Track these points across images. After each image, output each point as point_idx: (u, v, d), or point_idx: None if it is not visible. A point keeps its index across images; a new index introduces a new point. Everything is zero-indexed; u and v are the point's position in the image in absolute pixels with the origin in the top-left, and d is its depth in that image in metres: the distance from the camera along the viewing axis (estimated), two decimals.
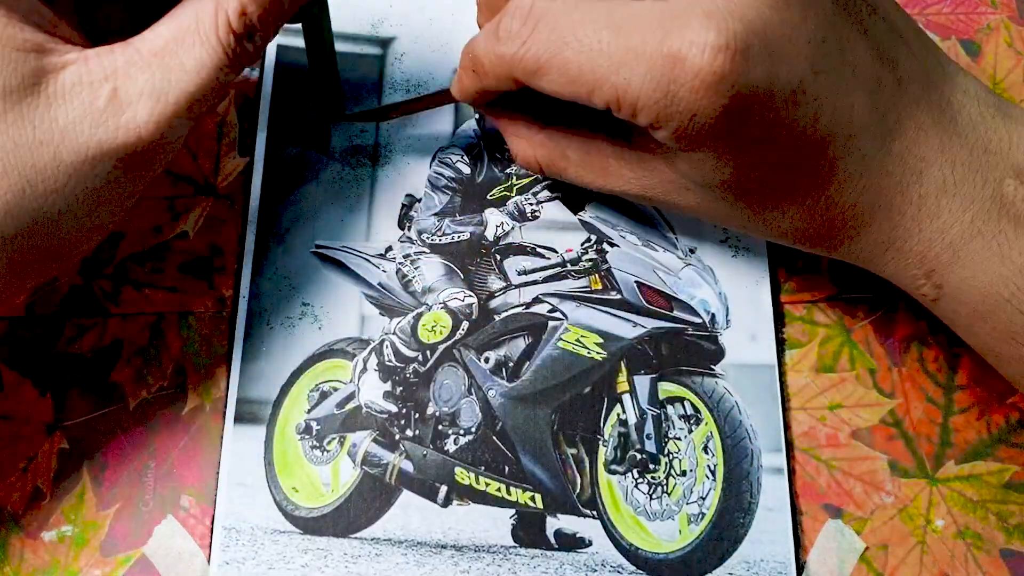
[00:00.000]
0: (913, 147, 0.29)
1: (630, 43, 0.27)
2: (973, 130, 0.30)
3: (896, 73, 0.29)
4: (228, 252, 0.42)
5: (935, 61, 0.31)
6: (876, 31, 0.29)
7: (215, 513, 0.38)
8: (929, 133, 0.29)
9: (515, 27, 0.29)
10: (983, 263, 0.29)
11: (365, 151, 0.44)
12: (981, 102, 0.30)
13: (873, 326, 0.40)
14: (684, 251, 0.41)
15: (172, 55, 0.30)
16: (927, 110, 0.29)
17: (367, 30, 0.46)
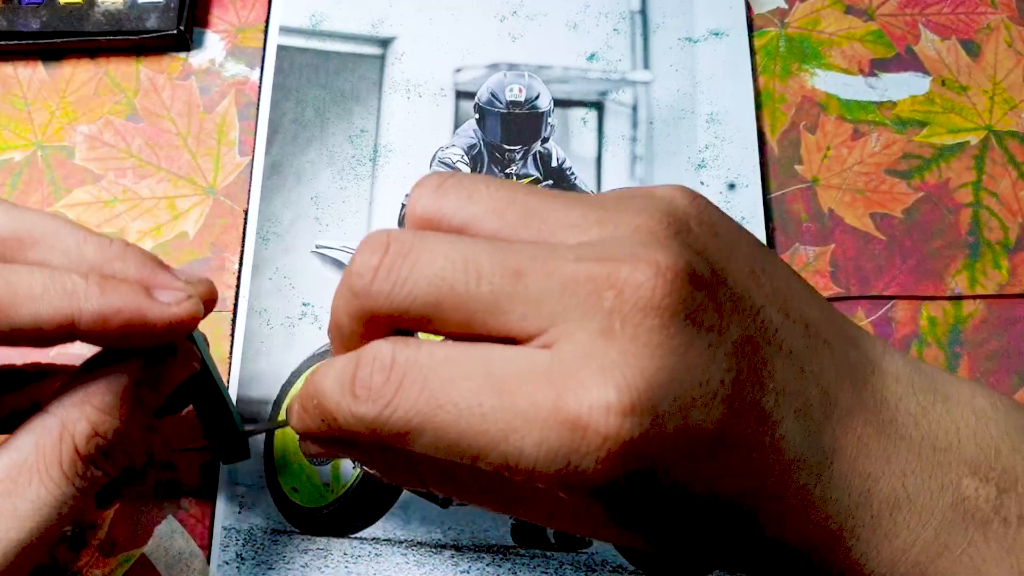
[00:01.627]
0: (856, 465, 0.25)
1: (517, 407, 0.22)
2: (916, 427, 0.26)
3: (822, 384, 0.25)
4: (228, 252, 0.42)
5: (857, 352, 0.27)
6: (792, 341, 0.25)
7: (215, 513, 0.38)
8: (870, 445, 0.25)
9: (376, 383, 0.23)
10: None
11: (365, 151, 0.44)
12: (916, 388, 0.27)
13: (873, 326, 0.40)
14: None
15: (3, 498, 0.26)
16: (863, 418, 0.25)
17: (367, 30, 0.46)
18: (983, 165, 0.43)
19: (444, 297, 0.23)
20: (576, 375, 0.22)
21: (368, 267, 0.23)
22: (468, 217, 0.25)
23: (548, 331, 0.23)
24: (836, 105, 0.44)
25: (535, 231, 0.24)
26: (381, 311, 0.24)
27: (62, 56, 0.46)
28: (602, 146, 0.44)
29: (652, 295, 0.22)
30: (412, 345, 0.24)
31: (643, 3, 0.46)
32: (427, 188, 0.25)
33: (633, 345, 0.22)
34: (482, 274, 0.23)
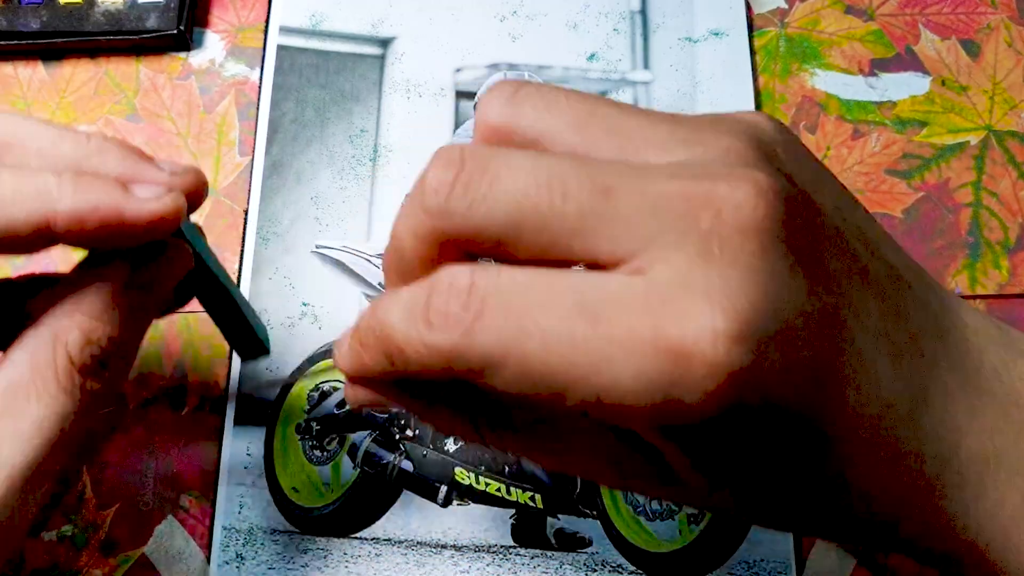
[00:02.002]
0: (945, 417, 0.24)
1: (613, 334, 0.20)
2: (1000, 383, 0.25)
3: (908, 328, 0.24)
4: (228, 252, 0.42)
5: (938, 301, 0.26)
6: (880, 279, 0.24)
7: (215, 513, 0.38)
8: (956, 397, 0.24)
9: (453, 309, 0.21)
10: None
11: (365, 151, 0.44)
12: (994, 342, 0.26)
13: None
14: None
15: (2, 419, 0.25)
16: (948, 368, 0.25)
17: (367, 30, 0.46)
18: (983, 165, 0.43)
19: (526, 217, 0.21)
20: (676, 301, 0.20)
21: (443, 182, 0.22)
22: (545, 129, 0.23)
23: (640, 255, 0.21)
24: (836, 105, 0.44)
25: (617, 148, 0.23)
26: (455, 232, 0.22)
27: (62, 56, 0.46)
28: None
29: (753, 215, 0.21)
30: (492, 270, 0.21)
31: (643, 3, 0.46)
32: (500, 96, 0.23)
33: (734, 269, 0.20)
34: (568, 192, 0.21)
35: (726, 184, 0.21)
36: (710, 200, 0.21)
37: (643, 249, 0.21)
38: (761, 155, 0.22)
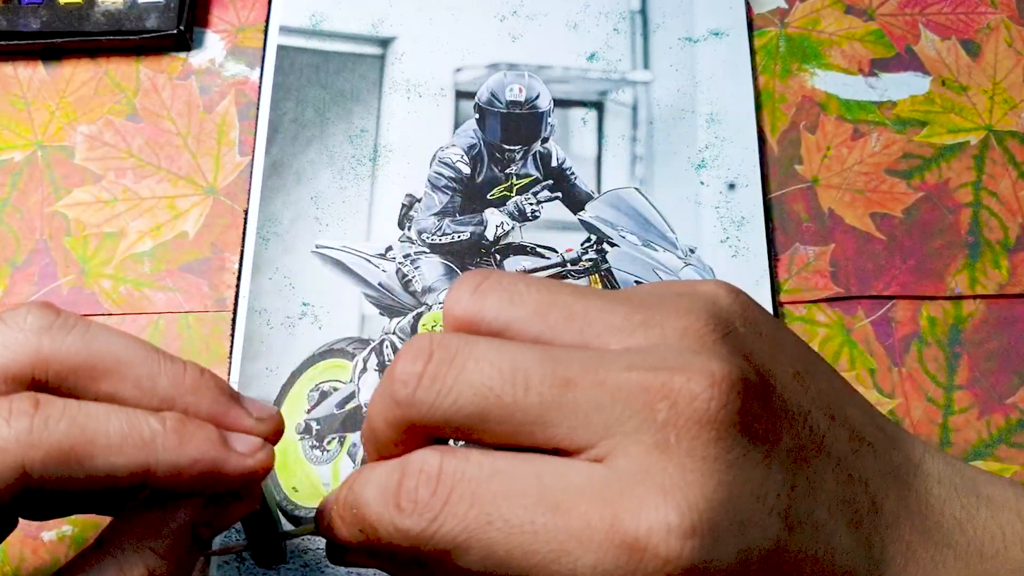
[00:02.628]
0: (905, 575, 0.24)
1: (572, 526, 0.21)
2: (962, 533, 0.25)
3: (869, 490, 0.24)
4: (228, 252, 0.42)
5: (899, 454, 0.26)
6: (840, 447, 0.24)
7: None
8: (918, 554, 0.25)
9: (422, 496, 0.22)
10: None
11: (365, 151, 0.44)
12: (958, 490, 0.26)
13: (873, 326, 0.40)
14: (684, 251, 0.41)
15: None
16: (909, 527, 0.25)
17: (367, 30, 0.46)
18: (983, 165, 0.43)
19: (491, 408, 0.22)
20: (632, 493, 0.21)
21: (411, 375, 0.22)
22: (509, 319, 0.24)
23: (599, 444, 0.22)
24: (836, 105, 0.44)
25: (578, 334, 0.23)
26: (424, 421, 0.23)
27: (62, 56, 0.46)
28: (602, 146, 0.44)
29: (708, 407, 0.21)
30: (460, 456, 0.22)
31: (643, 3, 0.46)
32: (465, 289, 0.24)
33: (690, 460, 0.21)
34: (530, 384, 0.22)
35: (682, 375, 0.22)
36: (666, 391, 0.22)
37: (603, 438, 0.22)
38: (719, 336, 0.23)
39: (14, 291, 0.41)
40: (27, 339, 0.24)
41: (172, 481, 0.25)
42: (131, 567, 0.25)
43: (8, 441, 0.22)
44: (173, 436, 0.24)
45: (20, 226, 0.43)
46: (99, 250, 0.42)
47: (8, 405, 0.23)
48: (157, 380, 0.25)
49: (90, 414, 0.24)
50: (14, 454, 0.22)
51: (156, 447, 0.24)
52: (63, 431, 0.23)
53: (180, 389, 0.26)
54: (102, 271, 0.42)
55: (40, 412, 0.23)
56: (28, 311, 0.25)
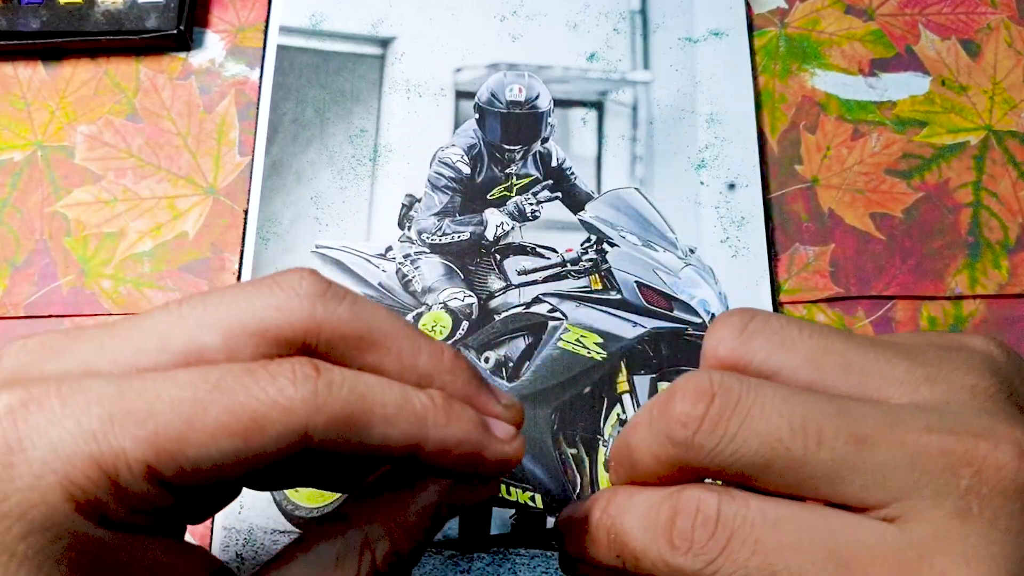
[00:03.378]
0: None
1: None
2: None
3: None
4: (228, 252, 0.42)
5: None
6: None
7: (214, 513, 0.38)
8: None
9: (699, 537, 0.22)
10: None
11: (365, 151, 0.44)
12: None
13: (873, 326, 0.40)
14: (684, 251, 0.41)
15: None
16: None
17: (367, 30, 0.46)
18: (983, 165, 0.43)
19: (777, 458, 0.21)
20: (932, 559, 0.20)
21: (692, 417, 0.22)
22: (780, 365, 0.23)
23: (892, 505, 0.21)
24: (836, 105, 0.44)
25: (856, 385, 0.23)
26: (701, 464, 0.22)
27: (62, 56, 0.46)
28: (602, 146, 0.44)
29: (1015, 478, 0.21)
30: (739, 499, 0.22)
31: (643, 3, 0.46)
32: (731, 329, 0.23)
33: (994, 531, 0.20)
34: (823, 438, 0.21)
35: (987, 443, 0.21)
36: (970, 458, 0.21)
37: (897, 500, 0.21)
38: (1005, 396, 0.22)
39: (14, 291, 0.41)
40: (301, 304, 0.23)
41: (437, 458, 0.24)
42: (377, 540, 0.25)
43: (294, 402, 0.22)
44: (442, 413, 0.24)
45: (20, 226, 0.43)
46: (99, 250, 0.42)
47: (291, 367, 0.22)
48: (418, 357, 0.25)
49: (369, 383, 0.23)
50: (299, 416, 0.22)
51: (427, 422, 0.24)
52: (344, 398, 0.22)
53: (439, 368, 0.25)
54: (102, 271, 0.42)
55: (323, 377, 0.22)
56: (302, 276, 0.24)
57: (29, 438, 0.20)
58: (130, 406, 0.21)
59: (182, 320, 0.23)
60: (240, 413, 0.21)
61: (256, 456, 0.22)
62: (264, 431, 0.21)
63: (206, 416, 0.21)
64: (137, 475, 0.21)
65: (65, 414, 0.21)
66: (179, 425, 0.21)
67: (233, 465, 0.22)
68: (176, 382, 0.22)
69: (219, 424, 0.21)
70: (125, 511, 0.21)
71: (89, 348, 0.23)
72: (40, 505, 0.20)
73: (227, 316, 0.23)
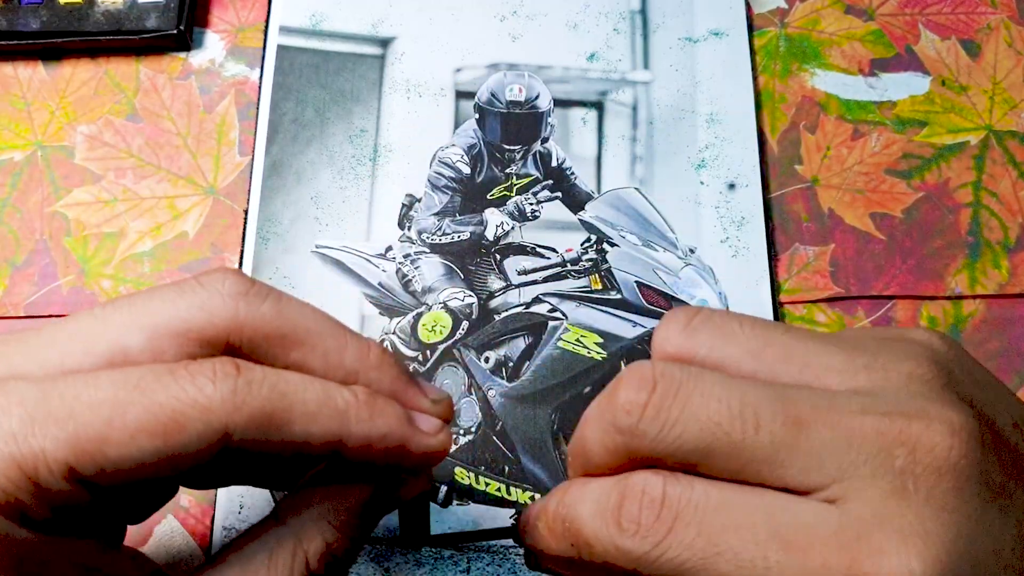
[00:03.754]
0: None
1: (808, 565, 0.21)
2: None
3: None
4: (228, 252, 0.42)
5: None
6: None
7: (215, 513, 0.38)
8: None
9: (646, 519, 0.22)
10: None
11: (365, 151, 0.44)
12: None
13: (873, 326, 0.40)
14: (684, 251, 0.41)
15: None
16: None
17: (367, 30, 0.46)
18: (983, 165, 0.43)
19: (717, 443, 0.22)
20: (871, 537, 0.21)
21: (635, 404, 0.22)
22: (723, 357, 0.24)
23: (831, 486, 0.21)
24: (836, 105, 0.44)
25: (796, 374, 0.23)
26: (645, 451, 0.23)
27: (62, 56, 0.46)
28: (602, 146, 0.44)
29: (948, 456, 0.21)
30: (683, 482, 0.22)
31: (643, 3, 0.46)
32: (675, 325, 0.24)
33: (929, 509, 0.21)
34: (761, 422, 0.22)
35: (919, 422, 0.21)
36: (904, 438, 0.21)
37: (835, 481, 0.21)
38: (943, 382, 0.23)
39: (14, 291, 0.42)
40: (224, 303, 0.24)
41: (360, 454, 0.24)
42: (310, 539, 0.25)
43: (213, 401, 0.22)
44: (365, 409, 0.24)
45: (20, 226, 0.43)
46: (99, 250, 0.42)
47: (212, 367, 0.22)
48: (344, 353, 0.25)
49: (289, 381, 0.24)
50: (219, 415, 0.22)
51: (349, 418, 0.24)
52: (264, 396, 0.23)
53: (365, 364, 0.26)
54: (102, 271, 0.42)
55: (243, 375, 0.23)
56: (224, 276, 0.24)
57: None
58: (51, 408, 0.21)
59: (107, 322, 0.23)
60: (159, 413, 0.22)
61: (177, 456, 0.22)
62: (184, 430, 0.22)
63: (125, 416, 0.21)
64: (57, 475, 0.21)
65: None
66: (99, 425, 0.21)
67: (154, 465, 0.22)
68: (97, 383, 0.22)
69: (138, 424, 0.21)
70: (47, 511, 0.21)
71: (16, 352, 0.23)
72: None
73: (151, 317, 0.23)
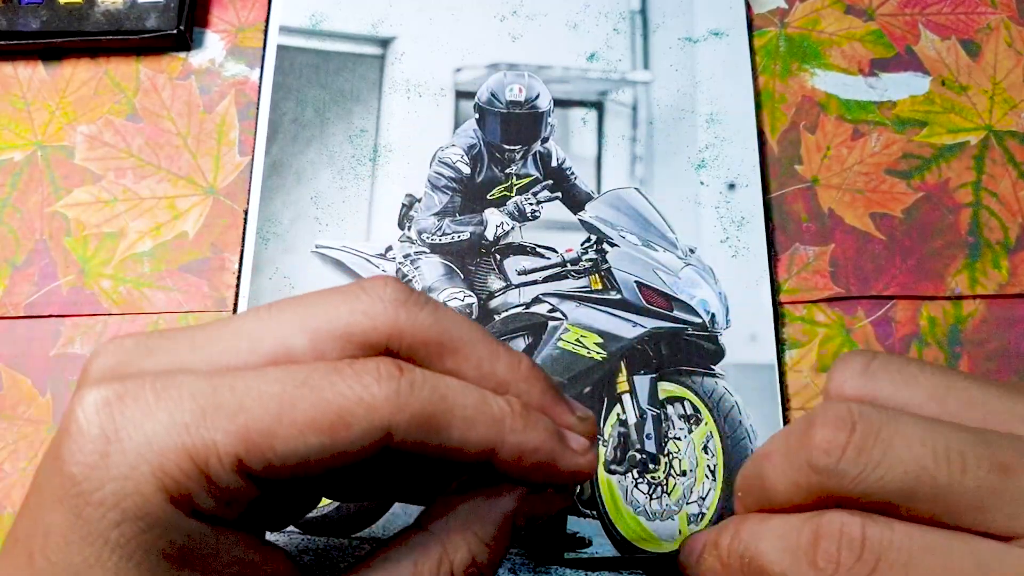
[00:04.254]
0: None
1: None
2: None
3: None
4: (228, 252, 0.42)
5: None
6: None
7: None
8: None
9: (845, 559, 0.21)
10: None
11: (365, 151, 0.44)
12: None
13: (873, 326, 0.40)
14: (684, 251, 0.41)
15: None
16: None
17: (367, 30, 0.46)
18: (983, 165, 0.43)
19: (921, 485, 0.21)
20: None
21: (835, 444, 0.22)
22: (905, 402, 0.23)
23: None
24: (836, 105, 0.44)
25: (980, 420, 0.23)
26: (843, 492, 0.22)
27: (62, 56, 0.46)
28: (602, 146, 0.44)
29: None
30: (883, 523, 0.22)
31: (643, 3, 0.46)
32: (853, 368, 0.24)
33: None
34: (967, 465, 0.21)
35: None
36: None
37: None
38: None
39: (14, 291, 0.41)
40: (385, 309, 0.24)
41: (510, 465, 0.24)
42: (455, 550, 0.25)
43: (378, 399, 0.22)
44: (519, 420, 0.24)
45: (20, 226, 0.43)
46: (99, 250, 0.42)
47: (376, 366, 0.23)
48: (496, 363, 0.25)
49: (449, 385, 0.24)
50: (383, 413, 0.22)
51: (504, 427, 0.24)
52: (426, 398, 0.23)
53: (515, 375, 0.25)
54: (102, 271, 0.42)
55: (405, 376, 0.23)
56: (386, 283, 0.24)
57: (125, 429, 0.21)
58: (222, 401, 0.22)
59: (272, 323, 0.24)
60: (327, 409, 0.22)
61: (340, 453, 0.22)
62: (349, 427, 0.22)
63: (294, 411, 0.22)
64: (227, 467, 0.21)
65: (159, 407, 0.21)
66: (268, 420, 0.22)
67: (318, 461, 0.22)
68: (266, 379, 0.22)
69: (307, 419, 0.22)
70: (214, 503, 0.22)
71: (182, 347, 0.24)
72: (134, 495, 0.21)
73: (314, 320, 0.24)
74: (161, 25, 0.45)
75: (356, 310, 0.24)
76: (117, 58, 0.46)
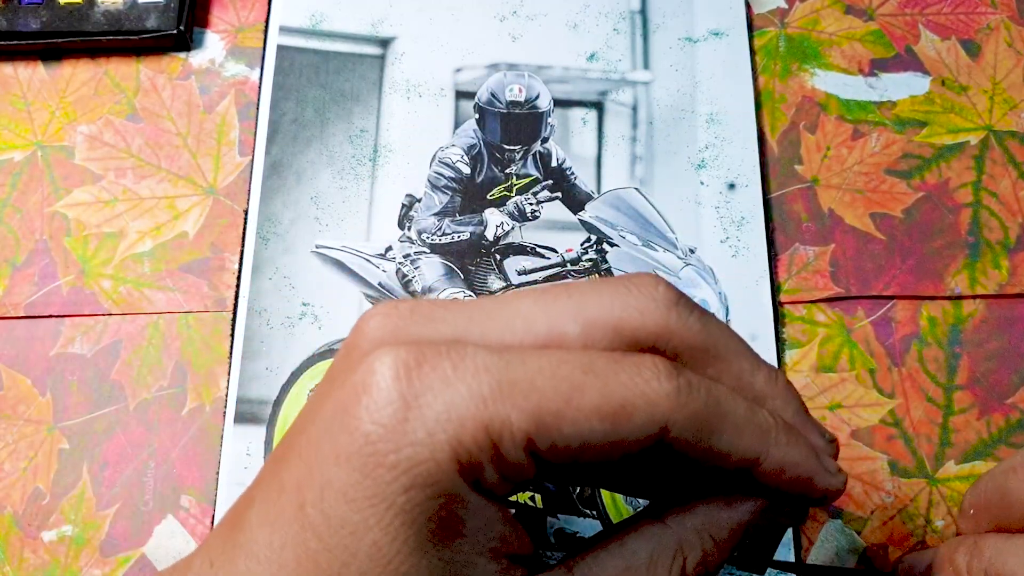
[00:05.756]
0: None
1: None
2: None
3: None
4: (228, 252, 0.42)
5: None
6: None
7: (215, 513, 0.38)
8: None
9: None
10: None
11: (365, 151, 0.44)
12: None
13: (873, 326, 0.40)
14: (684, 251, 0.41)
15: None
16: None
17: (367, 30, 0.46)
18: (983, 165, 0.43)
19: None
20: None
21: None
22: None
23: None
24: (836, 105, 0.44)
25: None
26: None
27: (62, 56, 0.46)
28: (602, 146, 0.44)
29: None
30: None
31: (643, 3, 0.46)
32: None
33: None
34: None
35: None
36: None
37: None
38: None
39: (14, 291, 0.42)
40: (657, 308, 0.24)
41: (771, 476, 0.24)
42: (691, 546, 0.25)
43: (659, 395, 0.22)
44: (784, 434, 0.24)
45: (20, 226, 0.43)
46: (99, 250, 0.42)
47: (653, 363, 0.23)
48: (756, 376, 0.25)
49: (721, 391, 0.24)
50: (662, 410, 0.22)
51: (770, 440, 0.24)
52: (702, 400, 0.23)
53: (772, 390, 0.25)
54: (102, 271, 0.42)
55: (682, 376, 0.23)
56: (657, 283, 0.24)
57: (424, 396, 0.21)
58: (515, 377, 0.22)
59: (547, 307, 0.24)
60: (611, 397, 0.22)
61: (619, 442, 0.22)
62: (631, 418, 0.22)
63: (583, 396, 0.22)
64: (518, 444, 0.21)
65: (457, 377, 0.21)
66: (559, 402, 0.22)
67: (598, 448, 0.22)
68: (552, 360, 0.22)
69: (593, 405, 0.22)
70: (497, 478, 0.22)
71: (459, 319, 0.24)
72: (428, 462, 0.21)
73: (588, 310, 0.24)
74: (161, 25, 0.45)
75: (629, 305, 0.24)
76: (117, 58, 0.46)
